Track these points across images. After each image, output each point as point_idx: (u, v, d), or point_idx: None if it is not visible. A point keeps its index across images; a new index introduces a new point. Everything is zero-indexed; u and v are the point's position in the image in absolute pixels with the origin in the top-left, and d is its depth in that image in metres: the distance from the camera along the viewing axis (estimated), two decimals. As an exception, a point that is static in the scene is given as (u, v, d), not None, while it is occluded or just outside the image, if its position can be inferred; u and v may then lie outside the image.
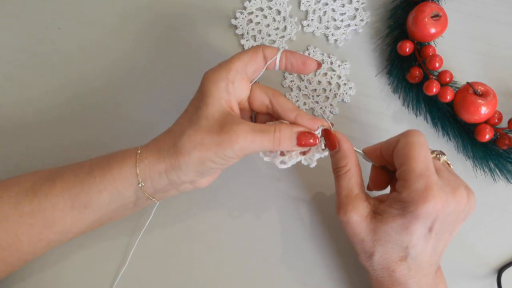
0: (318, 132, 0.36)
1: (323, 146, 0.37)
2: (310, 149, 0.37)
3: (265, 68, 0.38)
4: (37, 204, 0.34)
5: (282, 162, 0.37)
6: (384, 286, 0.36)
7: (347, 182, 0.36)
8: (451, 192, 0.34)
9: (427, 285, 0.36)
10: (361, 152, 0.39)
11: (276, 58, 0.37)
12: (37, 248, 0.36)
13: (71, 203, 0.35)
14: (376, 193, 0.40)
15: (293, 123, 0.37)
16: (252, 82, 0.38)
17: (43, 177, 0.36)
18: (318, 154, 0.37)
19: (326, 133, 0.37)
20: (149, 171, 0.35)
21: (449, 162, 0.38)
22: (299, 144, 0.35)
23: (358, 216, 0.35)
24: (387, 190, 0.40)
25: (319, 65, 0.39)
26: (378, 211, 0.35)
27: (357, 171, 0.37)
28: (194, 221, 0.44)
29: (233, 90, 0.36)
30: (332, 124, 0.37)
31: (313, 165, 0.37)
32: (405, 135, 0.35)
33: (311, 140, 0.36)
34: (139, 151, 0.35)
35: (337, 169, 0.37)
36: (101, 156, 0.37)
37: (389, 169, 0.39)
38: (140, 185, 0.35)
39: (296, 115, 0.37)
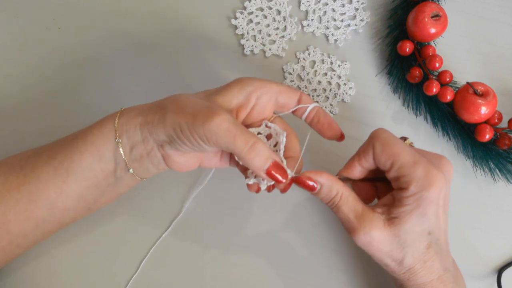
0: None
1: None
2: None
3: (295, 107, 0.37)
4: (23, 178, 0.35)
5: (248, 179, 0.36)
6: (420, 283, 0.35)
7: (348, 206, 0.35)
8: (440, 163, 0.35)
9: (450, 265, 0.36)
10: (338, 177, 0.37)
11: (308, 106, 0.37)
12: (26, 229, 0.36)
13: (54, 171, 0.35)
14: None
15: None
16: (276, 114, 0.38)
17: (31, 153, 0.37)
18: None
19: (298, 182, 0.35)
20: (126, 125, 0.35)
21: (411, 142, 0.39)
22: (268, 172, 0.33)
23: (377, 230, 0.34)
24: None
25: (342, 136, 0.38)
26: (392, 216, 0.34)
27: (348, 190, 0.36)
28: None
29: (254, 101, 0.36)
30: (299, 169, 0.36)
31: (263, 187, 0.35)
32: (375, 137, 0.36)
33: (280, 177, 0.33)
34: (122, 108, 0.36)
35: (332, 201, 0.36)
36: None
37: (370, 179, 0.39)
38: (117, 139, 0.35)
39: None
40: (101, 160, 0.35)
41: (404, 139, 0.39)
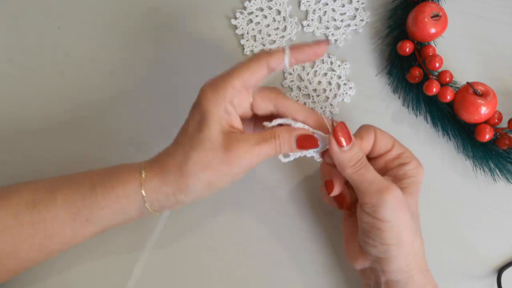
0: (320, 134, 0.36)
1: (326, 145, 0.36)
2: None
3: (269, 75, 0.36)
4: (37, 215, 0.34)
5: (285, 155, 0.37)
6: (421, 275, 0.35)
7: (373, 169, 0.36)
8: None
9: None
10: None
11: (284, 65, 0.36)
12: (38, 257, 0.36)
13: (72, 216, 0.35)
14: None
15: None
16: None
17: (42, 188, 0.36)
18: (322, 148, 0.36)
19: (339, 130, 0.35)
20: (155, 193, 0.35)
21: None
22: (299, 147, 0.35)
23: (400, 192, 0.35)
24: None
25: (328, 41, 0.37)
26: (402, 186, 0.36)
27: None
28: (200, 227, 0.44)
29: (233, 109, 0.35)
30: (334, 123, 0.36)
31: (318, 159, 0.37)
32: (373, 126, 0.39)
33: (311, 143, 0.36)
34: (143, 175, 0.35)
35: (361, 161, 0.36)
36: (100, 171, 0.37)
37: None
38: (146, 205, 0.35)
39: (304, 116, 0.37)
40: (125, 214, 0.36)
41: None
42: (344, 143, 0.35)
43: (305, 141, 0.35)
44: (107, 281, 0.42)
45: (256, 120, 0.40)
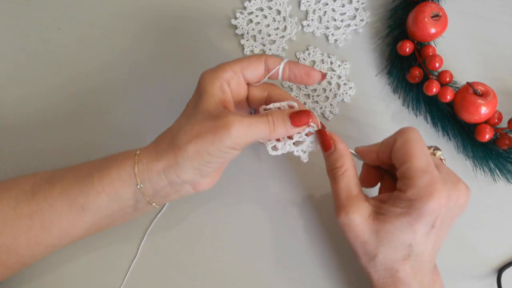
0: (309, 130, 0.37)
1: (314, 141, 0.37)
2: (304, 140, 0.37)
3: (267, 77, 0.38)
4: (36, 206, 0.34)
5: (274, 148, 0.37)
6: (386, 287, 0.35)
7: (345, 183, 0.36)
8: (452, 186, 0.34)
9: (428, 283, 0.35)
10: (354, 152, 0.38)
11: (279, 68, 0.38)
12: (36, 252, 0.36)
13: (69, 204, 0.35)
14: (370, 192, 0.40)
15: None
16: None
17: (42, 179, 0.36)
18: (310, 147, 0.37)
19: (320, 133, 0.37)
20: (147, 172, 0.35)
21: (442, 157, 0.38)
22: (294, 124, 0.35)
23: (360, 217, 0.34)
24: (376, 189, 0.40)
25: (324, 76, 0.39)
26: (380, 211, 0.34)
27: (354, 171, 0.36)
28: (196, 224, 0.44)
29: (228, 90, 0.36)
30: (323, 126, 0.38)
31: (305, 159, 0.37)
32: (401, 133, 0.35)
33: (305, 118, 0.35)
34: (138, 152, 0.36)
35: (334, 170, 0.36)
36: (100, 158, 0.37)
37: (381, 168, 0.39)
38: (138, 186, 0.35)
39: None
40: (119, 200, 0.36)
41: (435, 149, 0.38)
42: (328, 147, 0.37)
43: (299, 117, 0.35)
44: (102, 278, 0.42)
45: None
